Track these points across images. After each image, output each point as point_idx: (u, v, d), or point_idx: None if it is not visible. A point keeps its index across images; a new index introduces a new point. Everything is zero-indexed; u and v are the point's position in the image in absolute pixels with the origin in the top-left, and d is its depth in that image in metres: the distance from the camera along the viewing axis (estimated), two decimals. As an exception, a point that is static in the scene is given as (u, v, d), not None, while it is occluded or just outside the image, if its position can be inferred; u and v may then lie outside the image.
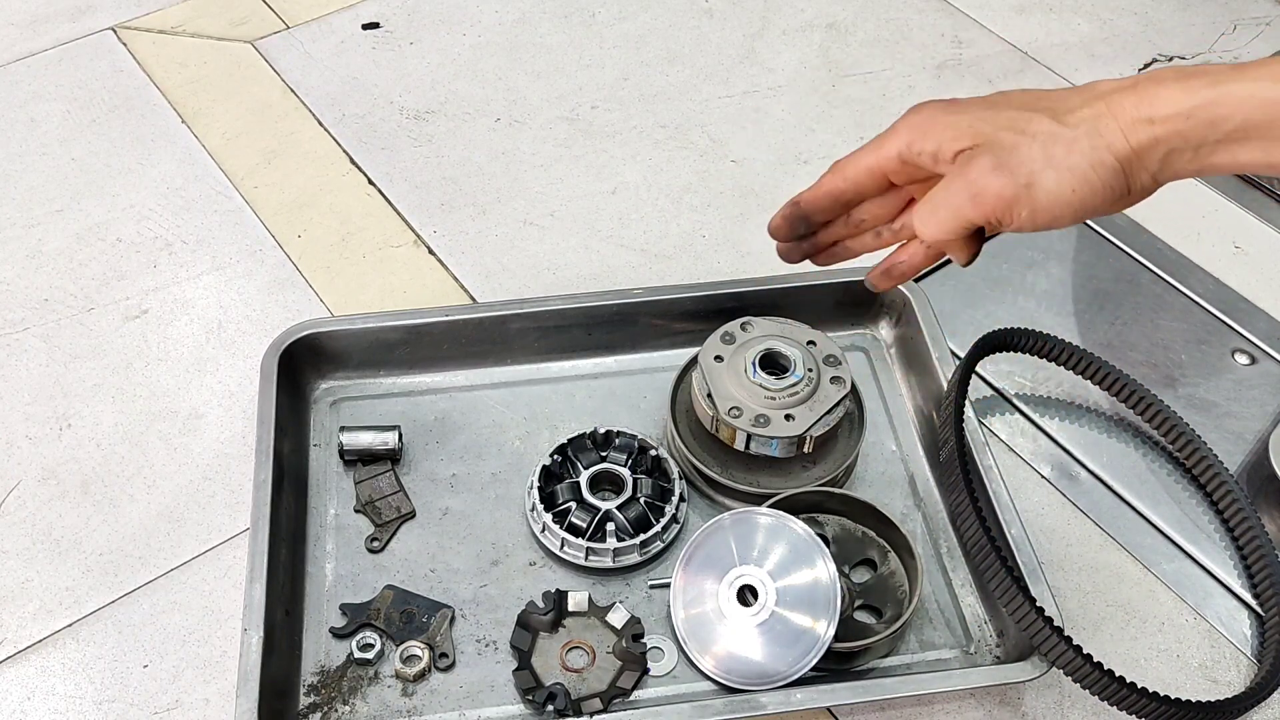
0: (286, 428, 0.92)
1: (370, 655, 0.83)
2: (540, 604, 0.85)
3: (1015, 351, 0.96)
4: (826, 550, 0.83)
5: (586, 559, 0.87)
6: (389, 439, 0.93)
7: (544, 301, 0.99)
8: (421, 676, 0.83)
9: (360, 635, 0.84)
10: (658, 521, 0.88)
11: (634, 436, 0.93)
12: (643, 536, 0.87)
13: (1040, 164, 0.54)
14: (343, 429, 0.94)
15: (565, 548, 0.88)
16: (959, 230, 0.59)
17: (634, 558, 0.88)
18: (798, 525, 0.84)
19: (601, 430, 0.93)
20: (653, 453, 0.92)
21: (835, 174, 0.68)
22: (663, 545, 0.89)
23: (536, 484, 0.91)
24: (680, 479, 0.92)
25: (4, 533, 0.92)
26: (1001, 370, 1.04)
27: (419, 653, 0.83)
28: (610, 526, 0.88)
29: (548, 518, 0.88)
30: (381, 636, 0.84)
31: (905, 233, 0.73)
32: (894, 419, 0.99)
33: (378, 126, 1.26)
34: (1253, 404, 1.02)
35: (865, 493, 0.92)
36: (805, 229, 0.72)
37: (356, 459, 0.94)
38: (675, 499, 0.90)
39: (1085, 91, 0.56)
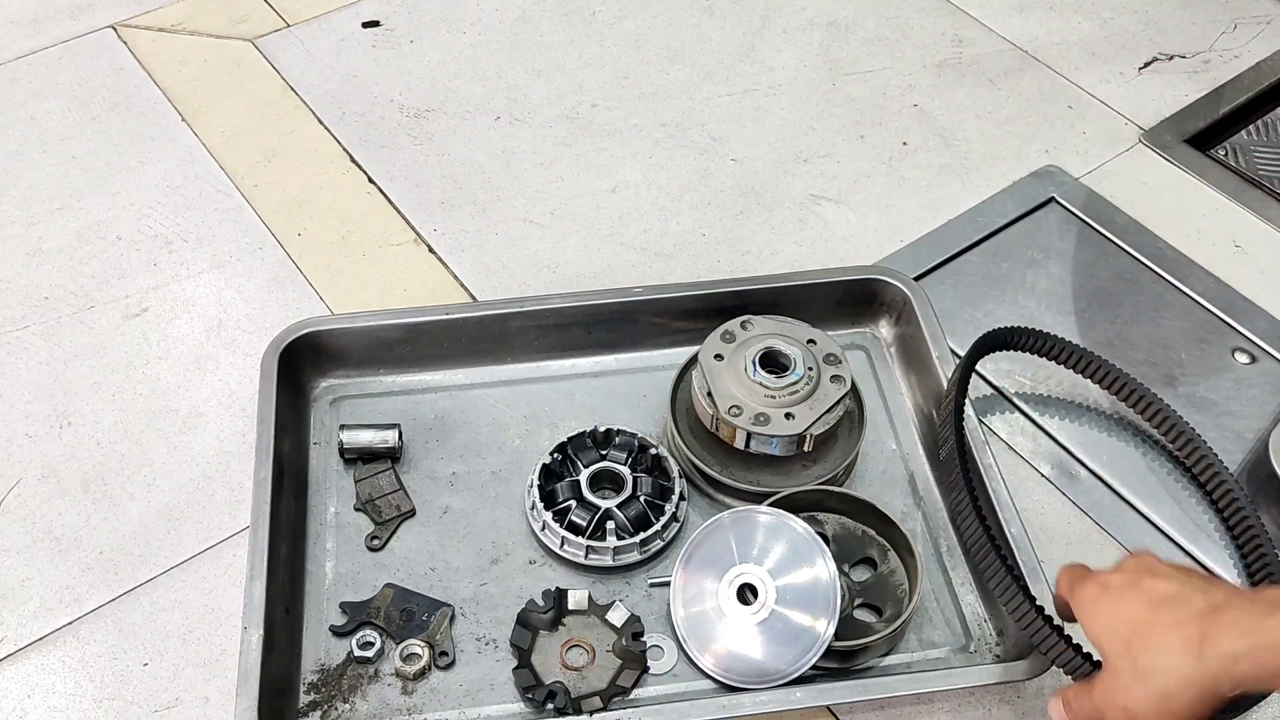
0: (287, 426, 0.92)
1: (370, 654, 0.83)
2: (540, 602, 0.85)
3: (1015, 350, 0.96)
4: (826, 549, 0.83)
5: (586, 557, 0.87)
6: (389, 437, 0.93)
7: (544, 300, 0.99)
8: (421, 675, 0.83)
9: (360, 633, 0.84)
10: (658, 520, 0.88)
11: (634, 435, 0.93)
12: (643, 535, 0.87)
13: (1134, 694, 0.62)
14: (343, 427, 0.94)
15: (565, 546, 0.88)
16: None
17: (634, 556, 0.88)
18: (798, 524, 0.84)
19: (601, 429, 0.93)
20: (653, 451, 0.92)
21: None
22: (663, 544, 0.89)
23: (536, 482, 0.91)
24: (680, 477, 0.92)
25: (4, 531, 0.92)
26: (1002, 369, 1.04)
27: (419, 651, 0.83)
28: (610, 525, 0.88)
29: (548, 516, 0.88)
30: (381, 635, 0.84)
31: None
32: (894, 417, 0.99)
33: (378, 125, 1.26)
34: (1253, 403, 1.02)
35: (865, 491, 0.91)
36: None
37: (356, 457, 0.94)
38: (675, 497, 0.90)
39: (1193, 607, 0.61)
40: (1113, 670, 0.63)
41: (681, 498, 0.91)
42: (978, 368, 0.97)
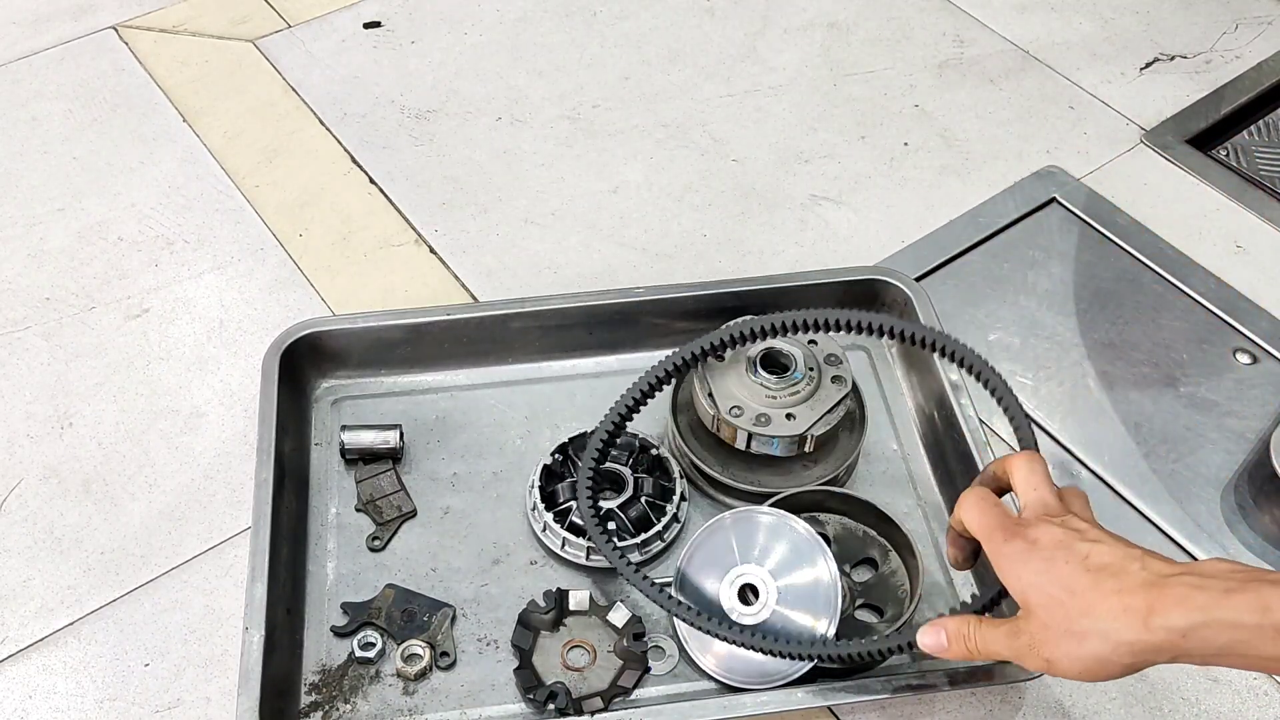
0: (288, 426, 0.92)
1: (371, 654, 0.83)
2: (541, 603, 0.85)
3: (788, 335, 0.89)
4: (827, 549, 0.83)
5: (588, 558, 0.87)
6: (390, 438, 0.93)
7: (545, 300, 0.99)
8: (423, 675, 0.83)
9: (361, 634, 0.84)
10: (658, 521, 0.88)
11: (635, 436, 0.93)
12: (643, 535, 0.87)
13: (1097, 647, 0.61)
14: (344, 428, 0.94)
15: (566, 547, 0.88)
16: (1008, 658, 0.66)
17: (635, 557, 0.88)
18: (799, 524, 0.84)
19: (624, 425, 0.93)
20: (654, 452, 0.92)
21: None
22: (663, 545, 0.89)
23: (538, 483, 0.91)
24: (681, 478, 0.92)
25: (5, 531, 0.92)
26: (1002, 369, 1.04)
27: (420, 651, 0.83)
28: (611, 526, 0.88)
29: (549, 517, 0.88)
30: (383, 635, 0.84)
31: None
32: (895, 418, 0.99)
33: (379, 125, 1.26)
34: (1254, 403, 1.02)
35: (866, 492, 0.91)
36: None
37: (358, 458, 0.94)
38: (676, 498, 0.90)
39: (1134, 578, 0.61)
40: (1041, 624, 0.62)
41: (683, 498, 0.91)
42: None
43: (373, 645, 0.84)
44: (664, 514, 0.89)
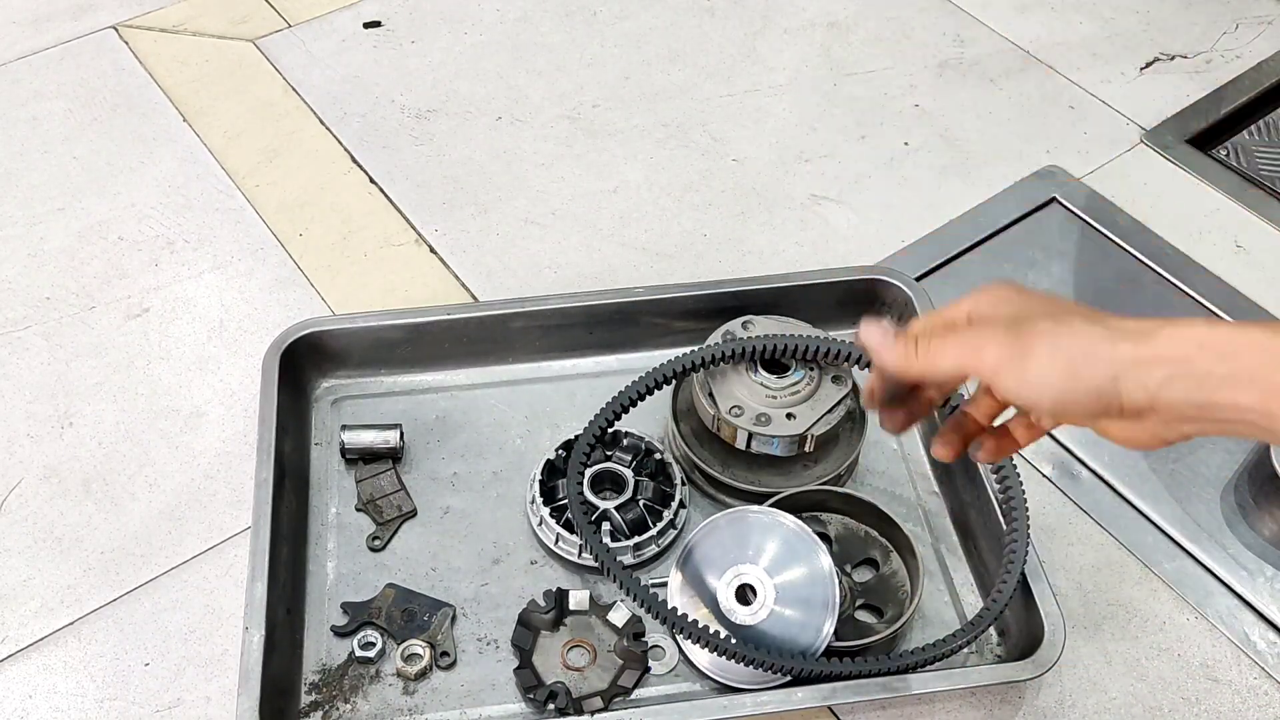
0: (288, 426, 0.92)
1: (371, 654, 0.83)
2: (541, 602, 0.85)
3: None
4: (822, 545, 0.83)
5: (580, 555, 0.87)
6: (390, 437, 0.93)
7: (545, 300, 0.99)
8: (423, 675, 0.83)
9: (361, 634, 0.84)
10: (654, 525, 0.88)
11: (641, 438, 0.93)
12: (637, 539, 0.87)
13: (1043, 345, 0.57)
14: (344, 427, 0.94)
15: (560, 543, 0.88)
16: (954, 372, 0.61)
17: (627, 559, 0.87)
18: (791, 521, 0.84)
19: (610, 429, 0.93)
20: (658, 456, 0.92)
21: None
22: (658, 549, 0.89)
23: (539, 478, 0.91)
24: (683, 484, 0.92)
25: (6, 531, 0.92)
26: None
27: (420, 651, 0.83)
28: (606, 526, 0.88)
29: (545, 511, 0.88)
30: (383, 635, 0.84)
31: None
32: (895, 418, 0.99)
33: (379, 125, 1.26)
34: (1254, 403, 1.02)
35: (867, 492, 0.91)
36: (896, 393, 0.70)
37: (358, 457, 0.94)
38: (675, 504, 0.90)
39: (1143, 320, 0.57)
40: (1004, 332, 0.58)
41: (681, 505, 0.91)
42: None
43: (373, 645, 0.84)
44: (660, 519, 0.89)
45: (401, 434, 0.94)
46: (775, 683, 0.80)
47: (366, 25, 1.38)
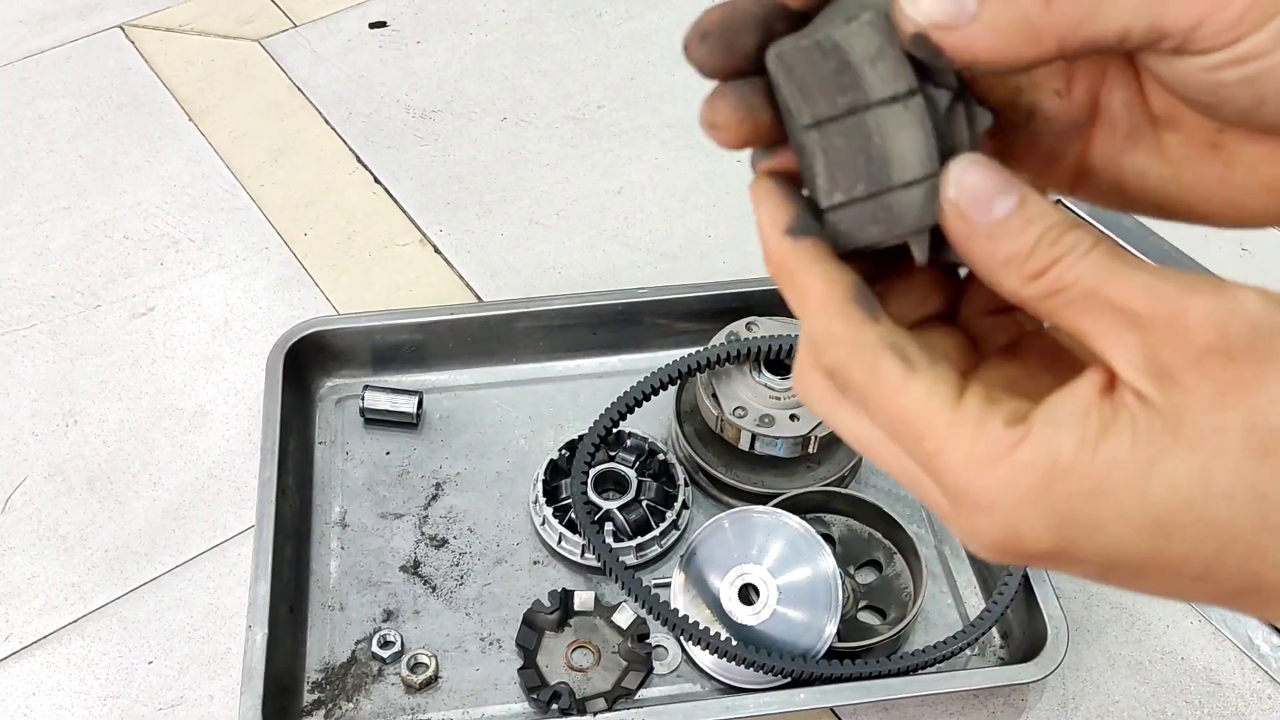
0: (292, 425, 0.92)
1: (388, 654, 0.83)
2: (546, 603, 0.85)
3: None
4: (826, 546, 0.83)
5: (583, 556, 0.87)
6: (408, 404, 0.94)
7: (549, 300, 0.99)
8: (428, 684, 0.83)
9: (380, 631, 0.84)
10: (657, 526, 0.88)
11: (645, 439, 0.93)
12: (639, 540, 0.87)
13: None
14: (367, 387, 0.95)
15: (562, 543, 0.88)
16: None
17: (629, 559, 0.87)
18: (795, 522, 0.84)
19: (614, 430, 0.93)
20: (661, 457, 0.92)
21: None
22: (660, 550, 0.89)
23: (542, 478, 0.91)
24: (686, 485, 0.91)
25: (10, 529, 0.92)
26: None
27: (426, 660, 0.83)
28: (609, 526, 0.88)
29: (548, 511, 0.88)
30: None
31: None
32: (899, 420, 0.99)
33: (384, 125, 1.26)
34: (1259, 406, 1.01)
35: (870, 493, 0.91)
36: None
37: (376, 418, 0.95)
38: (678, 505, 0.90)
39: None
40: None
41: (685, 506, 0.91)
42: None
43: (391, 644, 0.83)
44: (663, 520, 0.89)
45: (420, 402, 0.95)
46: (778, 684, 0.80)
47: (372, 25, 1.38)
